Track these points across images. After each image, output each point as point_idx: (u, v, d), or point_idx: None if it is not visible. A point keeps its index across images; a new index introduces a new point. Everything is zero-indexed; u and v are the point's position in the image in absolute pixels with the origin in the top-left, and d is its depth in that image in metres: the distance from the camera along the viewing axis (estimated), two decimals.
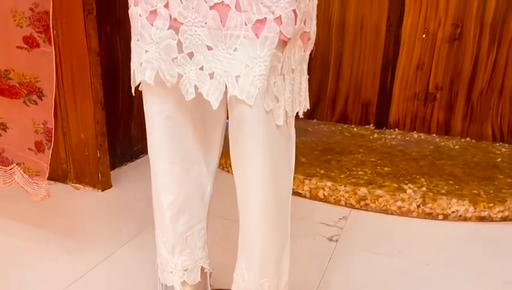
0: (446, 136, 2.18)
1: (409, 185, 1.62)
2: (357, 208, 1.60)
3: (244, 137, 0.75)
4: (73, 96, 1.62)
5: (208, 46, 0.73)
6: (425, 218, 1.54)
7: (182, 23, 0.73)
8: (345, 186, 1.61)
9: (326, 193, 1.63)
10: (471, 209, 1.52)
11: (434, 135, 2.20)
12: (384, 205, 1.57)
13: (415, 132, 2.24)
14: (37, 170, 1.16)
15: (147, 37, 0.78)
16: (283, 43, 0.72)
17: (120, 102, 1.90)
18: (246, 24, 0.69)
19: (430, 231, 1.49)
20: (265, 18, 0.69)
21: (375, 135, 2.18)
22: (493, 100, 2.11)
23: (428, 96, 2.21)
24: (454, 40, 2.10)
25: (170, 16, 0.74)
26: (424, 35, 2.13)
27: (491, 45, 2.04)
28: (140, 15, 0.78)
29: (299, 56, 0.78)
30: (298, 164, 1.50)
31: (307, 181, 1.66)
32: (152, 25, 0.77)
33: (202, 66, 0.74)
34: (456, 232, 1.48)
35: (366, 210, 1.59)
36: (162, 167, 0.89)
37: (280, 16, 0.69)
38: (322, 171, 1.72)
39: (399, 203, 1.55)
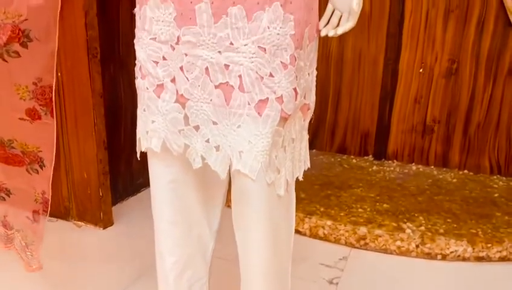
0: (444, 169, 2.20)
1: (407, 223, 1.64)
2: (357, 247, 1.61)
3: (246, 210, 0.77)
4: (76, 135, 1.64)
5: (213, 121, 0.75)
6: (424, 258, 1.56)
7: (189, 99, 0.76)
8: (345, 225, 1.63)
9: (326, 232, 1.65)
10: (470, 249, 1.53)
11: (432, 167, 2.22)
12: (383, 245, 1.58)
13: (413, 163, 2.26)
14: (32, 239, 1.18)
15: (153, 108, 0.81)
16: (284, 119, 0.74)
17: (122, 137, 1.93)
18: (249, 104, 0.72)
19: (430, 271, 1.50)
20: (268, 98, 0.72)
21: (374, 167, 2.20)
22: (490, 133, 2.13)
23: (426, 128, 2.24)
24: (451, 75, 2.13)
25: (177, 91, 0.77)
26: (421, 70, 2.17)
27: (487, 80, 2.08)
28: (147, 88, 0.80)
29: (299, 126, 0.81)
30: (298, 200, 1.50)
31: (307, 219, 1.68)
32: (159, 97, 0.79)
33: (208, 139, 0.77)
34: (455, 273, 1.49)
35: (366, 249, 1.60)
36: (165, 228, 0.91)
37: (282, 95, 0.72)
38: (322, 209, 1.73)
39: (398, 243, 1.57)
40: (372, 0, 2.15)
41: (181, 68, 0.75)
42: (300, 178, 0.85)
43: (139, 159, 0.90)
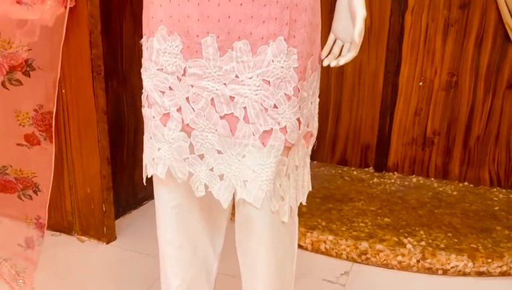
0: (444, 181, 2.22)
1: (408, 238, 1.65)
2: (359, 262, 1.62)
3: (251, 237, 0.79)
4: (80, 151, 1.66)
5: (218, 151, 0.77)
6: (425, 273, 1.57)
7: (194, 129, 0.78)
8: (346, 240, 1.64)
9: (327, 247, 1.66)
10: (470, 264, 1.55)
11: (432, 179, 2.24)
12: (384, 260, 1.59)
13: (413, 175, 2.28)
14: (24, 266, 1.17)
15: (159, 136, 0.82)
16: (288, 149, 0.76)
17: (125, 151, 1.94)
18: (253, 134, 0.73)
19: (431, 286, 1.51)
20: (272, 129, 0.73)
21: (375, 180, 2.22)
22: (490, 146, 2.15)
23: (426, 141, 2.26)
24: (450, 88, 2.15)
25: (183, 120, 0.79)
26: (421, 83, 2.19)
27: (486, 94, 2.10)
28: (154, 117, 0.82)
29: (303, 153, 0.82)
30: (300, 214, 1.52)
31: (308, 234, 1.69)
32: (165, 125, 0.81)
33: (212, 168, 0.78)
34: (456, 288, 1.51)
35: (367, 264, 1.61)
36: (170, 251, 0.92)
37: (285, 126, 0.74)
38: (324, 223, 1.75)
39: (399, 257, 1.58)
40: (372, 14, 2.17)
41: (187, 99, 0.77)
42: (304, 203, 0.87)
43: (145, 184, 0.91)
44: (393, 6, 2.14)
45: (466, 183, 2.19)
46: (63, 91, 1.57)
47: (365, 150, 2.37)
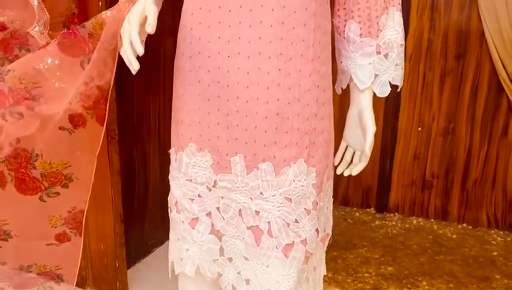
0: (444, 222, 2.29)
1: None
2: None
3: None
4: (94, 209, 1.71)
5: (244, 257, 0.83)
6: None
7: (224, 235, 0.84)
8: None
9: None
10: None
11: (432, 220, 2.31)
12: None
13: (414, 217, 2.35)
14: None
15: (188, 239, 0.88)
16: (307, 258, 0.82)
17: (135, 203, 2.00)
18: (276, 247, 0.80)
19: None
20: (293, 241, 0.80)
21: (377, 222, 2.29)
22: (487, 189, 2.23)
23: (425, 183, 2.33)
24: (448, 134, 2.24)
25: (212, 224, 0.85)
26: (419, 128, 2.28)
27: (483, 140, 2.18)
28: (183, 221, 0.88)
29: (320, 253, 0.89)
30: None
31: None
32: (194, 228, 0.87)
33: (240, 271, 0.84)
34: None
35: None
36: None
37: (306, 238, 0.80)
38: (330, 274, 1.81)
39: None
40: None
41: (218, 208, 0.83)
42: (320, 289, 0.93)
43: (170, 278, 0.97)
44: None
45: (465, 224, 2.27)
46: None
47: (366, 191, 2.44)
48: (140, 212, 2.03)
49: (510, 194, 2.20)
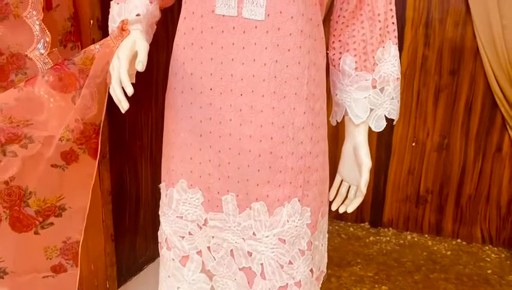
0: (438, 237, 2.28)
1: None
2: None
3: None
4: (84, 230, 1.68)
5: None
6: None
7: (215, 275, 0.82)
8: None
9: None
10: None
11: (426, 235, 2.30)
12: None
13: (408, 232, 2.34)
14: None
15: (179, 277, 0.86)
16: None
17: (126, 221, 1.96)
18: None
19: None
20: (287, 284, 0.78)
21: (371, 238, 2.27)
22: (481, 205, 2.23)
23: (419, 198, 2.32)
24: (442, 150, 2.23)
25: (203, 263, 0.83)
26: (413, 144, 2.27)
27: (477, 156, 2.18)
28: (173, 259, 0.86)
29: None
30: None
31: None
32: (184, 266, 0.85)
33: None
34: None
35: None
36: None
37: (300, 280, 0.78)
38: None
39: None
40: None
41: (208, 248, 0.81)
42: None
43: None
44: None
45: (459, 240, 2.26)
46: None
47: (361, 206, 2.41)
48: (131, 229, 2.00)
49: (504, 210, 2.20)
